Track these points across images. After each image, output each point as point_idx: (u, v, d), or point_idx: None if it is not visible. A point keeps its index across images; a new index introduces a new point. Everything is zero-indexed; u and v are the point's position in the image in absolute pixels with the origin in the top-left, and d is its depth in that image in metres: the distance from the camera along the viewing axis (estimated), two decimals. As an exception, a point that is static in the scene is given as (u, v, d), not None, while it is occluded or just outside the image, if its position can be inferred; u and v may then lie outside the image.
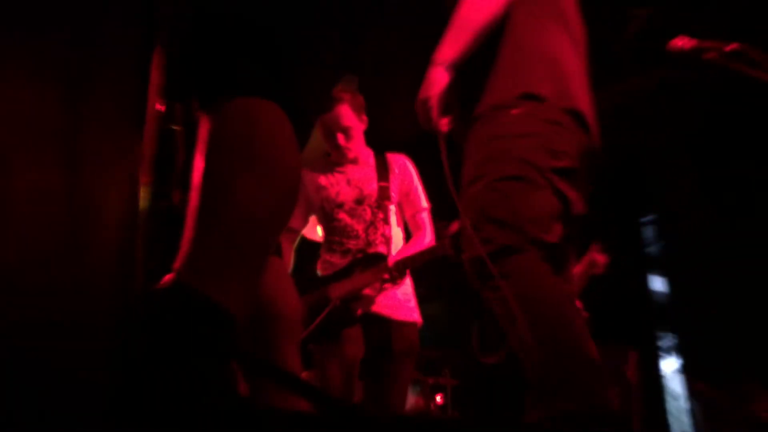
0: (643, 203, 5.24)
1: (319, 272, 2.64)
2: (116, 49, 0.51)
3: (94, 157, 0.47)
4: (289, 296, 1.27)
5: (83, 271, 0.46)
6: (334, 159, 2.67)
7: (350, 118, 2.59)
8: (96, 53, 0.48)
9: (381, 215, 2.55)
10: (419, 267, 2.53)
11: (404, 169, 2.67)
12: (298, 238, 2.73)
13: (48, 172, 0.44)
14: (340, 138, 2.57)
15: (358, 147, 2.63)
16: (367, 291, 2.47)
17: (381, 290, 2.49)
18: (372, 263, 2.50)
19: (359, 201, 2.58)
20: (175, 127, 1.03)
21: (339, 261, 2.56)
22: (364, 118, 2.67)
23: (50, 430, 0.43)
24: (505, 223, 1.36)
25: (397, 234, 2.63)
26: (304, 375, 2.60)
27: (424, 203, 2.66)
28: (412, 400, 4.23)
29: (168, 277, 0.80)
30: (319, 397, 0.70)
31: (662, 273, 5.10)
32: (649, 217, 5.20)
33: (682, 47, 1.75)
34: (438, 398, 4.17)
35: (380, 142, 2.81)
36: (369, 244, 2.53)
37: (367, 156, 2.68)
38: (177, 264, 0.81)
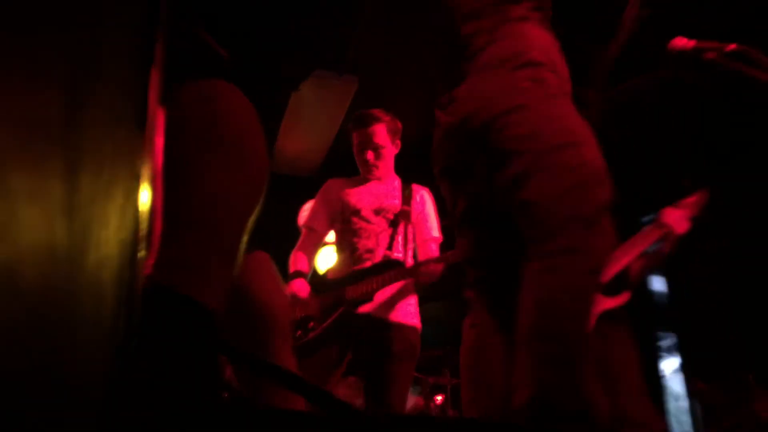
0: (643, 203, 5.23)
1: (328, 275, 2.69)
2: (118, 47, 0.51)
3: (95, 157, 0.47)
4: (276, 295, 1.24)
5: (83, 272, 0.46)
6: (362, 175, 2.78)
7: (384, 138, 2.71)
8: (97, 52, 0.48)
9: (399, 229, 2.63)
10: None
11: (424, 199, 2.78)
12: (321, 242, 2.79)
13: (48, 172, 0.44)
14: (370, 155, 2.69)
15: (385, 168, 2.75)
16: (378, 294, 2.51)
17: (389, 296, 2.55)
18: (388, 267, 2.54)
19: (377, 212, 2.66)
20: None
21: (348, 260, 2.61)
22: (398, 143, 2.79)
23: (49, 430, 0.43)
24: None
25: (408, 251, 2.69)
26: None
27: (436, 233, 2.75)
28: (412, 400, 4.23)
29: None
30: (319, 397, 0.70)
31: (662, 273, 5.09)
32: (649, 217, 5.20)
33: (682, 47, 1.75)
34: (438, 398, 4.16)
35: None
36: (379, 246, 2.59)
37: (392, 179, 2.78)
38: (149, 261, 0.79)
